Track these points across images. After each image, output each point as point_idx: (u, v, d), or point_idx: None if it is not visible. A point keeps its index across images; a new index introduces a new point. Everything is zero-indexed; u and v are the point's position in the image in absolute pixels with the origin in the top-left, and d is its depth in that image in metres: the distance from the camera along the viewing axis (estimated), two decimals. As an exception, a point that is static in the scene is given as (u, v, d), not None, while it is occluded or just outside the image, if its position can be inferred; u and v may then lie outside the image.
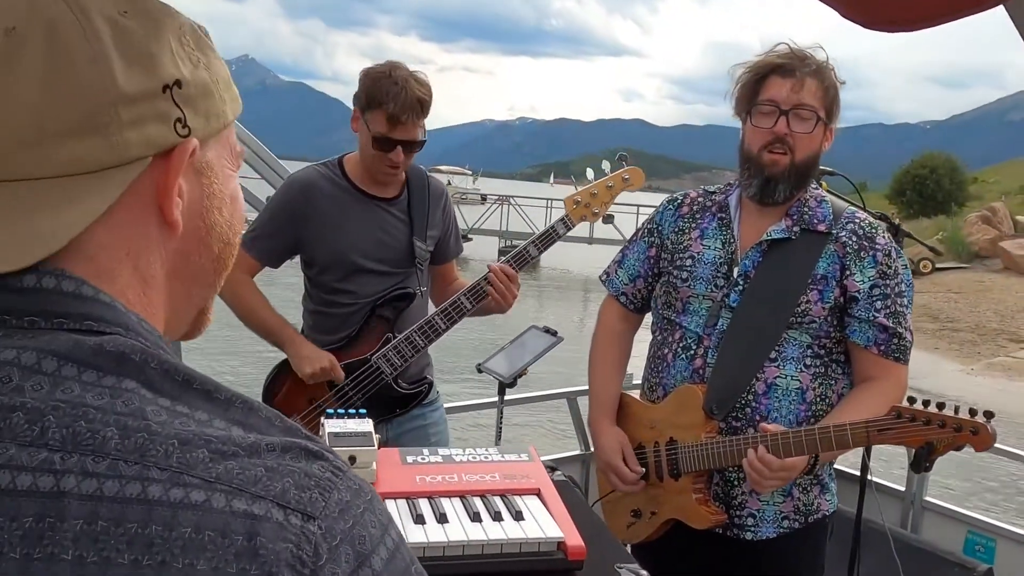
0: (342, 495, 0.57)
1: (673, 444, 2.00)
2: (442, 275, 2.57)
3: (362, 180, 2.37)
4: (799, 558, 2.02)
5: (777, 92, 1.90)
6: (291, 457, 0.56)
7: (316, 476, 0.56)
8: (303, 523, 0.54)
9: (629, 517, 2.11)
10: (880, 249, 1.93)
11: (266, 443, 0.56)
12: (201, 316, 0.70)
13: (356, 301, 2.34)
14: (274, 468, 0.55)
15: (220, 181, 0.65)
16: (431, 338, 2.32)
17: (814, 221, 1.96)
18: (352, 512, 0.57)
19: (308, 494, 0.55)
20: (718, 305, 1.96)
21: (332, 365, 2.28)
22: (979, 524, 2.68)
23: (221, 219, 0.65)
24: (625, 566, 1.43)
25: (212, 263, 0.66)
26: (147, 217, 0.60)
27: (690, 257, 2.03)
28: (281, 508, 0.53)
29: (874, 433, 1.74)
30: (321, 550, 0.54)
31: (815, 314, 1.91)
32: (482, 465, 1.62)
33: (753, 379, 1.92)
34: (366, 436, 1.53)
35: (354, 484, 0.58)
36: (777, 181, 1.92)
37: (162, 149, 0.58)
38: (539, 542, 1.40)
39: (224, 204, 0.66)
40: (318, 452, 0.58)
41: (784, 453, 1.81)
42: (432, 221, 2.44)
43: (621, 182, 2.35)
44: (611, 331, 2.23)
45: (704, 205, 2.10)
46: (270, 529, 0.52)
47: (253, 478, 0.54)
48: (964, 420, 1.68)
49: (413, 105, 2.20)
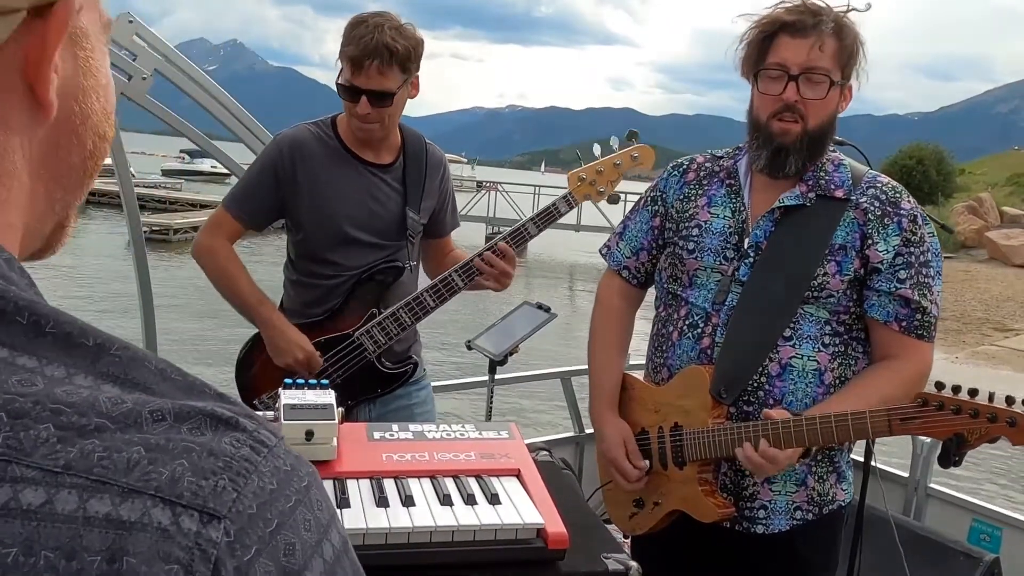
0: (264, 482, 0.40)
1: (678, 430, 1.85)
2: (438, 248, 2.42)
3: (354, 143, 2.22)
4: (813, 552, 1.87)
5: (786, 54, 1.73)
6: (190, 428, 0.40)
7: (226, 455, 0.40)
8: (200, 527, 0.37)
9: (631, 507, 1.97)
10: (905, 215, 1.77)
11: (151, 409, 0.40)
12: (59, 230, 0.52)
13: (340, 273, 2.21)
14: (160, 446, 0.39)
15: (97, 56, 0.49)
16: (418, 316, 2.19)
17: (831, 187, 1.80)
18: (278, 507, 0.40)
19: (211, 482, 0.39)
20: (728, 279, 1.81)
21: (307, 357, 2.14)
22: (985, 512, 2.59)
23: (97, 105, 0.49)
24: (612, 555, 1.28)
25: (83, 161, 0.50)
26: (10, 95, 0.44)
27: (697, 226, 1.88)
28: (167, 506, 0.37)
29: (896, 422, 1.58)
30: (224, 569, 0.37)
31: (833, 287, 1.76)
32: (457, 443, 1.48)
33: (766, 359, 1.76)
34: (326, 409, 1.39)
35: (284, 464, 0.42)
36: (788, 151, 1.76)
37: (42, 1, 0.43)
38: (516, 528, 1.27)
39: (100, 86, 0.50)
40: (231, 419, 0.42)
41: (788, 443, 1.66)
42: (428, 191, 2.29)
43: (630, 160, 2.22)
44: (611, 309, 2.06)
45: (712, 171, 1.94)
46: (146, 542, 0.36)
47: (125, 463, 0.37)
48: (1000, 409, 1.49)
49: (379, 50, 2.02)
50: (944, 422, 1.54)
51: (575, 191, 2.20)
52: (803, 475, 1.82)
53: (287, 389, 1.43)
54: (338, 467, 1.36)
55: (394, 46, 2.03)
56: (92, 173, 0.51)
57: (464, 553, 1.25)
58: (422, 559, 1.24)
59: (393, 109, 2.12)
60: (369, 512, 1.26)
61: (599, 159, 2.21)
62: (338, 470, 1.36)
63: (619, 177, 2.22)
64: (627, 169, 2.21)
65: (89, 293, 14.22)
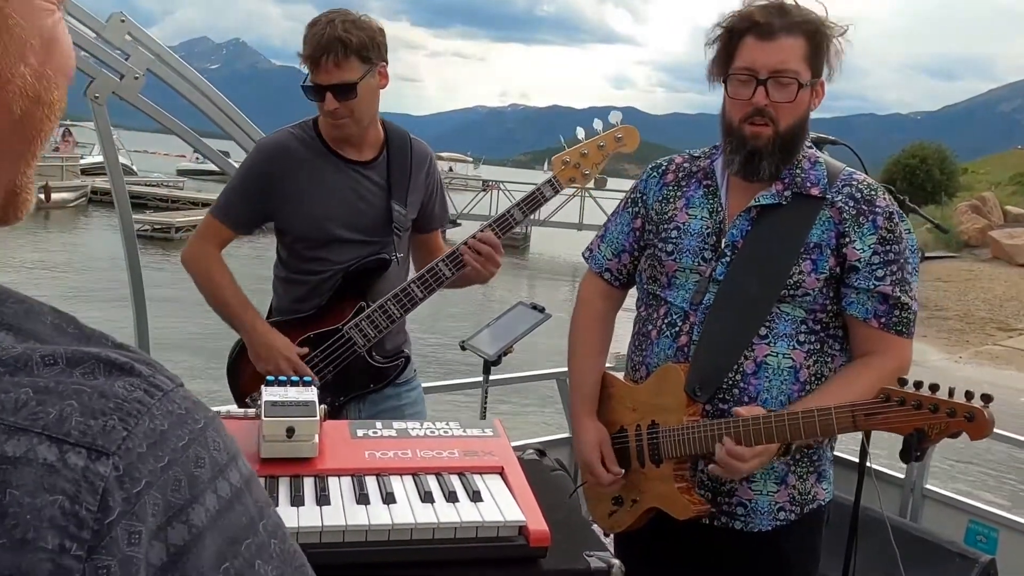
0: (156, 423, 0.41)
1: (654, 428, 1.86)
2: (427, 246, 2.41)
3: (335, 141, 2.22)
4: (796, 550, 1.87)
5: (753, 57, 1.72)
6: (82, 373, 0.40)
7: (118, 397, 0.40)
8: (88, 462, 0.38)
9: (610, 505, 1.98)
10: (880, 212, 1.77)
11: (43, 353, 0.40)
12: (13, 197, 0.50)
13: (327, 269, 2.21)
14: (49, 388, 0.39)
15: (23, 17, 0.46)
16: (407, 307, 2.18)
17: (807, 184, 1.80)
18: (169, 445, 0.41)
19: (100, 422, 0.39)
20: (706, 280, 1.82)
21: (289, 363, 2.13)
22: (981, 513, 2.58)
23: (24, 69, 0.47)
24: (595, 554, 1.27)
25: (12, 126, 0.48)
26: None
27: (675, 228, 1.88)
28: (54, 443, 0.38)
29: (860, 418, 1.58)
30: (112, 499, 0.38)
31: (808, 286, 1.76)
32: (440, 440, 1.47)
33: (741, 357, 1.77)
34: (308, 406, 1.37)
35: (179, 408, 0.42)
36: (761, 155, 1.76)
37: None
38: (498, 526, 1.25)
39: (28, 48, 0.47)
40: (126, 364, 0.42)
41: (757, 440, 1.66)
42: (414, 184, 2.28)
43: (614, 142, 2.18)
44: (592, 311, 2.06)
45: (690, 171, 1.94)
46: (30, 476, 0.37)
47: (13, 403, 0.38)
48: (959, 404, 1.50)
49: (331, 44, 2.02)
50: (905, 418, 1.54)
51: (559, 175, 2.18)
52: (783, 473, 1.82)
53: (269, 387, 1.42)
54: (320, 464, 1.35)
55: (347, 37, 2.03)
56: (33, 138, 0.49)
57: (445, 551, 1.24)
58: (403, 556, 1.23)
59: (360, 101, 2.10)
60: (349, 509, 1.25)
61: (583, 141, 2.18)
62: (319, 467, 1.34)
63: (604, 159, 2.19)
64: (612, 151, 2.18)
65: (87, 286, 14.27)
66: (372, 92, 2.13)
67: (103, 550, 0.37)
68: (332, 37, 2.02)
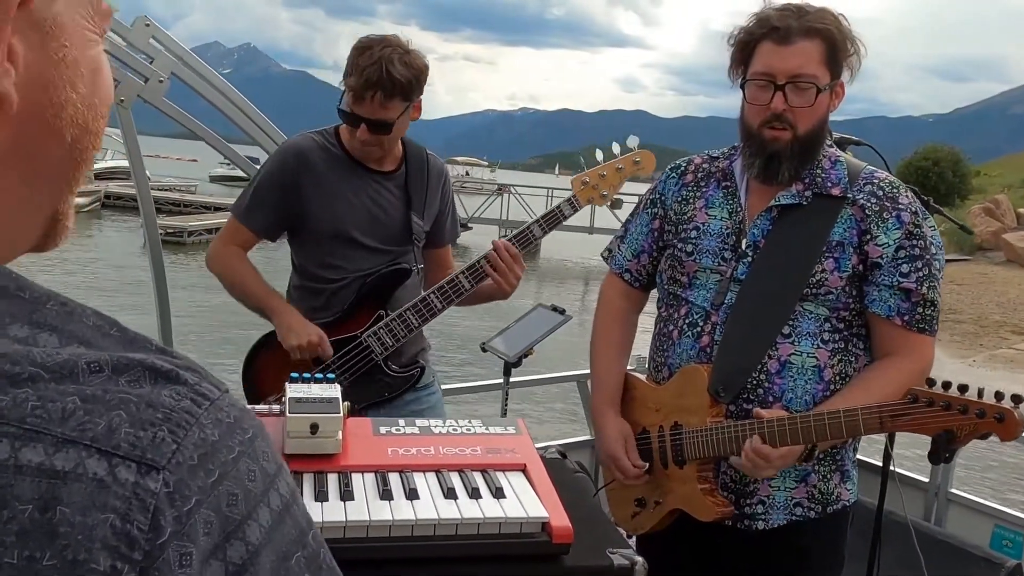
0: (205, 433, 0.39)
1: (678, 429, 1.85)
2: (438, 262, 2.42)
3: (357, 153, 2.24)
4: (815, 549, 1.86)
5: (771, 62, 1.73)
6: (128, 380, 0.39)
7: (165, 406, 0.39)
8: (139, 477, 0.36)
9: (633, 506, 1.97)
10: (905, 208, 1.76)
11: (88, 360, 0.39)
12: (54, 224, 0.50)
13: (345, 276, 2.22)
14: (96, 397, 0.38)
15: (75, 46, 0.46)
16: (425, 317, 2.19)
17: (827, 184, 1.80)
18: (220, 458, 0.39)
19: (150, 433, 0.37)
20: (727, 280, 1.81)
21: (320, 340, 2.14)
22: (1007, 518, 2.55)
23: (75, 96, 0.47)
24: (618, 551, 1.26)
25: (64, 153, 0.48)
26: None
27: (695, 228, 1.88)
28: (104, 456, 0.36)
29: (887, 419, 1.56)
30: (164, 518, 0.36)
31: (831, 284, 1.75)
32: (463, 438, 1.47)
33: (764, 357, 1.75)
34: (331, 402, 1.38)
35: (227, 417, 0.41)
36: (780, 159, 1.76)
37: None
38: (521, 522, 1.25)
39: (79, 77, 0.47)
40: (171, 372, 0.41)
41: (782, 441, 1.65)
42: (431, 198, 2.31)
43: (632, 165, 2.26)
44: (614, 311, 2.07)
45: (709, 172, 1.94)
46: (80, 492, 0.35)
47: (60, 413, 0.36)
48: (988, 405, 1.47)
49: (382, 83, 2.04)
50: (933, 418, 1.52)
51: (579, 194, 2.24)
52: (805, 472, 1.81)
53: (293, 383, 1.42)
54: (343, 460, 1.36)
55: (398, 79, 2.05)
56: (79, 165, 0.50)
57: (468, 546, 1.24)
58: (426, 552, 1.23)
59: (393, 136, 2.17)
60: (373, 505, 1.25)
61: (602, 163, 2.26)
62: (343, 463, 1.35)
63: (621, 182, 2.28)
64: (629, 174, 2.27)
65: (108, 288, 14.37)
66: (404, 125, 2.18)
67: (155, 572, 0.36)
68: (383, 76, 2.03)
